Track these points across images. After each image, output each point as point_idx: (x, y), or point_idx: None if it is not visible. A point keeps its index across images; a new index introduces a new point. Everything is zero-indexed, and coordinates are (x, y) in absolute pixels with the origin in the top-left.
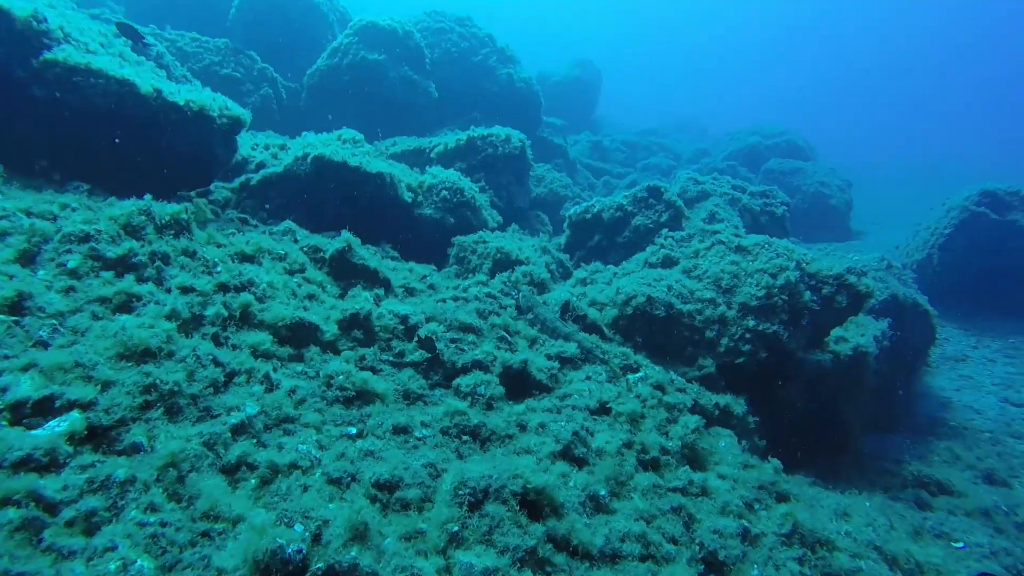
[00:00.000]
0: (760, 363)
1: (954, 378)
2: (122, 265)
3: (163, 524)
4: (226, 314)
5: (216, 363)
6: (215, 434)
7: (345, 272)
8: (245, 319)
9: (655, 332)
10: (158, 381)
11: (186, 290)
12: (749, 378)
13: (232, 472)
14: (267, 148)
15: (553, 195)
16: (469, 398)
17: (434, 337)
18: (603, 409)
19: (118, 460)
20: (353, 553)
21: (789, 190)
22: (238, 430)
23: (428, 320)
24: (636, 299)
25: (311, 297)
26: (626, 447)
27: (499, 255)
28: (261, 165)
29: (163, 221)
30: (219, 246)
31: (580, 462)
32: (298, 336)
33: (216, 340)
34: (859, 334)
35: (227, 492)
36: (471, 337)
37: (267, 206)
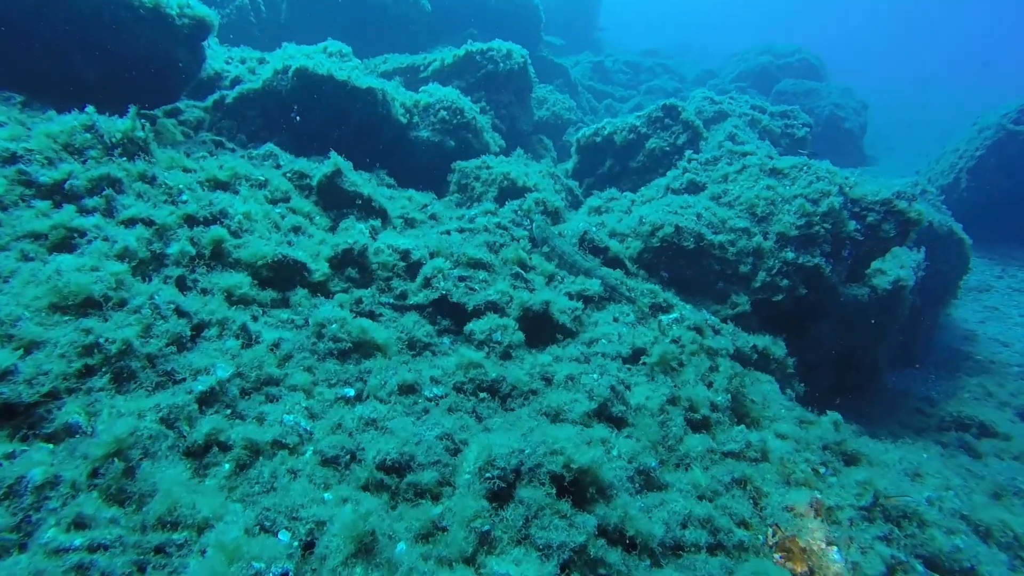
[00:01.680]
0: (797, 300)
1: (978, 309)
2: (60, 193)
3: (95, 547)
4: (193, 252)
5: (180, 313)
6: (177, 406)
7: (335, 201)
8: (217, 257)
9: (683, 266)
10: (102, 339)
11: (143, 223)
12: (782, 316)
13: (199, 456)
14: (243, 62)
15: (556, 118)
16: (484, 347)
17: (441, 275)
18: (637, 356)
19: (38, 452)
20: (358, 573)
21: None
22: (207, 399)
23: (432, 255)
24: (663, 229)
25: (297, 230)
26: (670, 403)
27: (505, 182)
28: (237, 81)
29: (113, 139)
30: (187, 171)
31: (619, 422)
32: (282, 277)
33: (181, 284)
34: (898, 266)
35: (191, 486)
36: (482, 274)
37: (247, 127)
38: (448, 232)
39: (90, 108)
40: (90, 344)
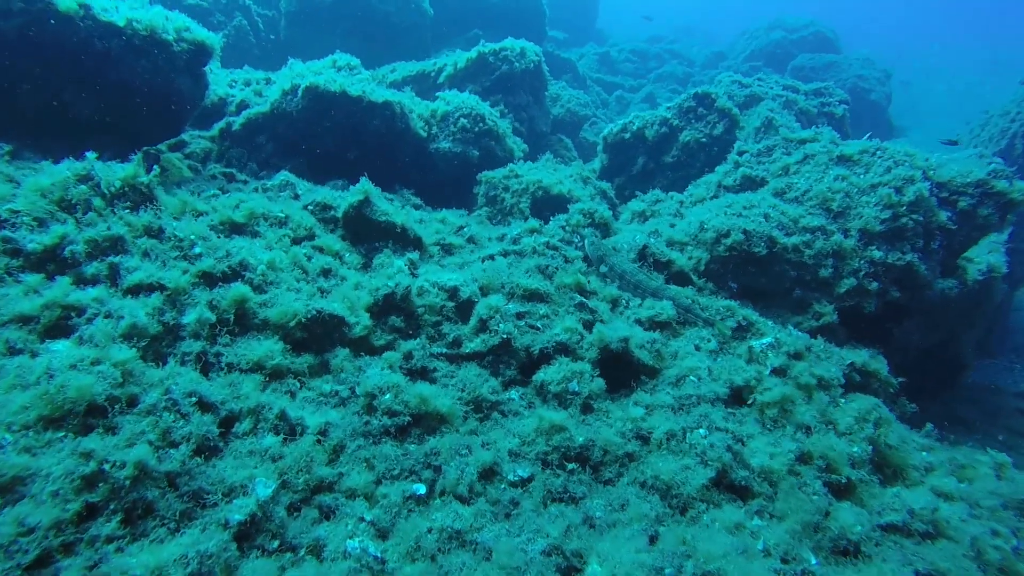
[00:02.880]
0: (889, 303)
1: None
2: (54, 260)
3: None
4: (213, 318)
5: (204, 406)
6: (210, 555)
7: (366, 233)
8: (241, 321)
9: (753, 274)
10: (107, 466)
11: (151, 289)
12: (865, 319)
13: None
14: (248, 84)
15: (572, 115)
16: (561, 401)
17: (498, 315)
18: (738, 396)
19: None
20: None
21: None
22: (248, 531)
23: (483, 290)
24: (730, 236)
25: (327, 273)
26: (800, 461)
27: (538, 191)
28: (243, 105)
29: (113, 189)
30: (198, 215)
31: (743, 492)
32: (317, 336)
33: (202, 362)
34: (985, 251)
35: None
36: (541, 308)
37: (258, 155)
38: (492, 257)
39: (90, 155)
40: (92, 474)
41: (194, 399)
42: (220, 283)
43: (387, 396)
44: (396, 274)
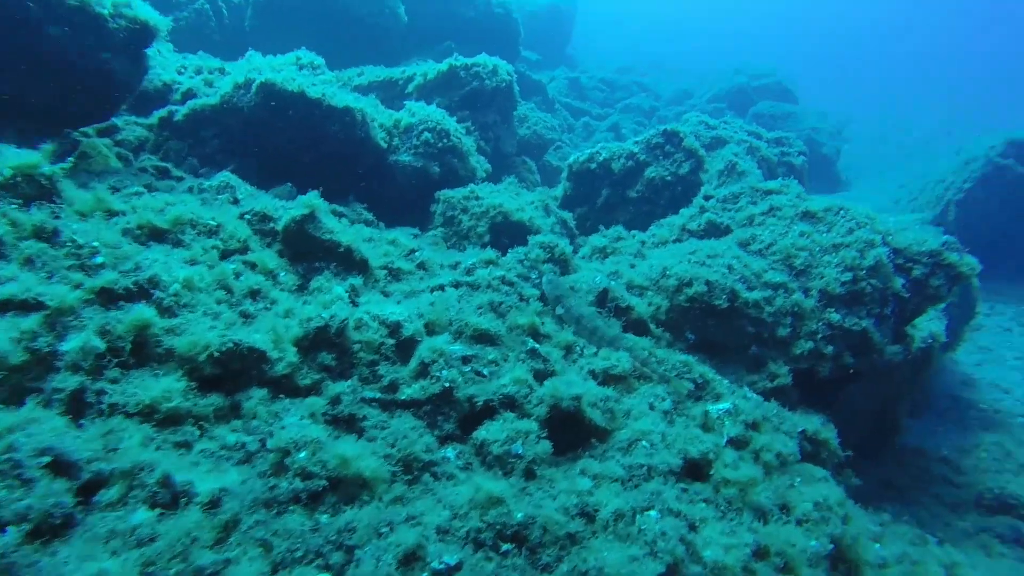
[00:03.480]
0: (841, 368)
1: (972, 350)
2: None
3: None
4: (103, 347)
5: (61, 466)
6: None
7: (306, 251)
8: (141, 351)
9: (712, 327)
10: None
11: (27, 307)
12: (816, 382)
13: None
14: (199, 72)
15: (538, 138)
16: (501, 466)
17: (442, 359)
18: (692, 470)
19: None
20: None
21: None
22: None
23: (429, 327)
24: (692, 286)
25: (255, 295)
26: (757, 557)
27: (498, 216)
28: (190, 94)
29: (2, 179)
30: (112, 214)
31: None
32: (233, 371)
33: (75, 404)
34: (927, 318)
35: None
36: (490, 352)
37: (201, 150)
38: (442, 288)
39: None
40: None
41: (47, 458)
42: (122, 302)
43: (303, 454)
44: (334, 303)
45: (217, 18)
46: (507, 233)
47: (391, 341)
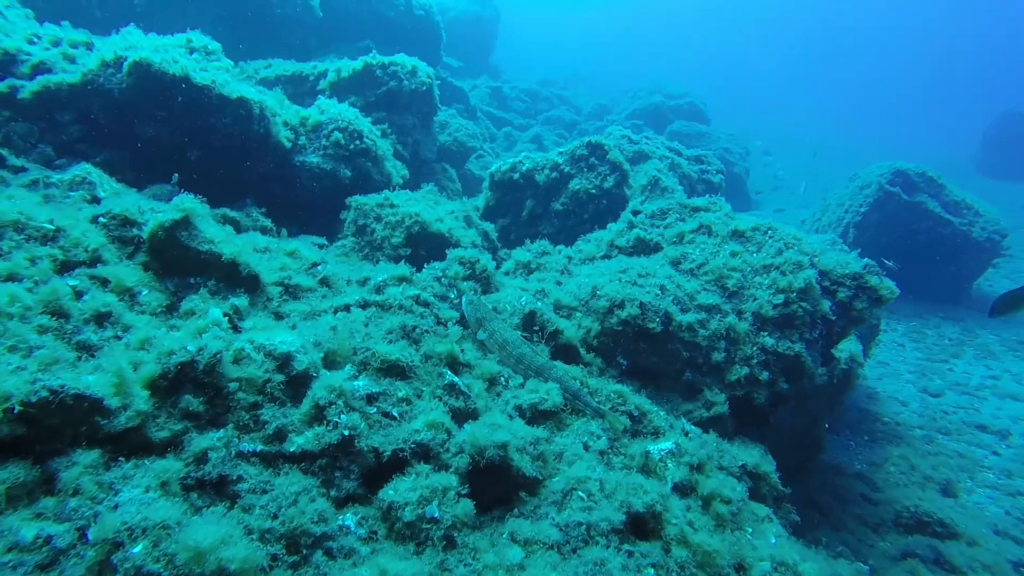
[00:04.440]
0: (777, 395)
1: (873, 364)
2: None
3: None
4: None
5: None
6: None
7: (179, 264)
8: None
9: (644, 351)
10: None
11: None
12: (752, 409)
13: None
14: (57, 44)
15: (459, 145)
16: (414, 535)
17: (342, 401)
18: (638, 525)
19: None
20: None
21: None
22: None
23: (328, 359)
24: (625, 308)
25: (101, 320)
26: None
27: (415, 225)
28: (42, 68)
29: None
30: None
31: None
32: (50, 428)
33: None
34: (846, 339)
35: None
36: (401, 388)
37: (57, 136)
38: (348, 308)
39: None
40: None
41: None
42: None
43: (139, 547)
44: (207, 329)
45: None
46: (425, 245)
47: (279, 377)
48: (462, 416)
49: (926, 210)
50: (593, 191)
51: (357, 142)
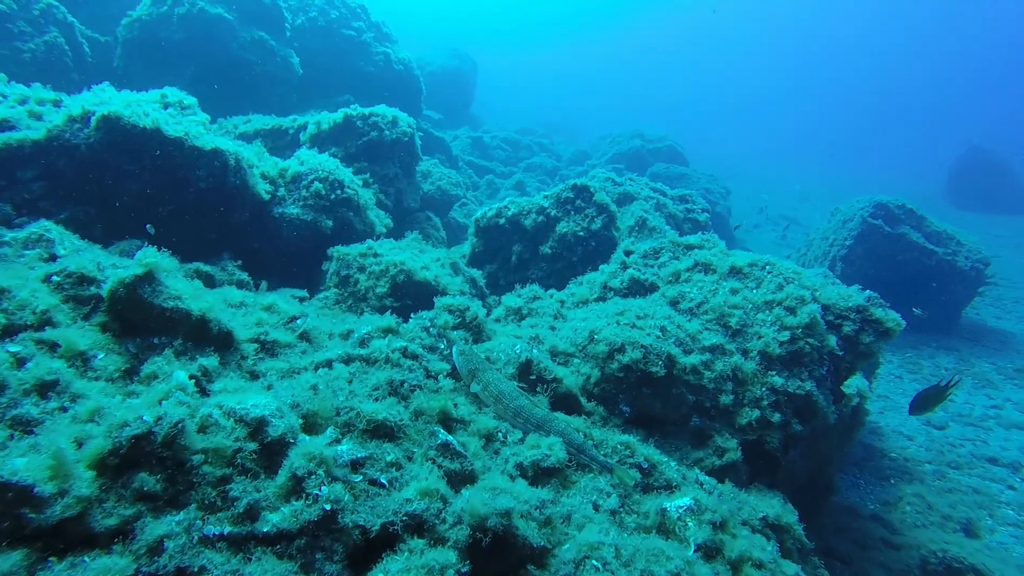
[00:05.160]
0: (790, 437)
1: (873, 398)
2: None
3: None
4: None
5: None
6: None
7: (142, 323)
8: None
9: (648, 397)
10: None
11: None
12: (764, 453)
13: None
14: (23, 102)
15: (442, 194)
16: None
17: (323, 470)
18: None
19: None
20: None
21: None
22: None
23: (307, 421)
24: (626, 352)
25: (45, 390)
26: None
27: (400, 274)
28: (5, 126)
29: None
30: None
31: None
32: None
33: None
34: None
35: None
36: (390, 452)
37: (19, 194)
38: (330, 364)
39: None
40: None
41: None
42: None
43: None
44: (171, 395)
45: (76, 54)
46: (411, 294)
47: (252, 446)
48: (458, 479)
49: (910, 241)
50: (581, 233)
51: (338, 192)
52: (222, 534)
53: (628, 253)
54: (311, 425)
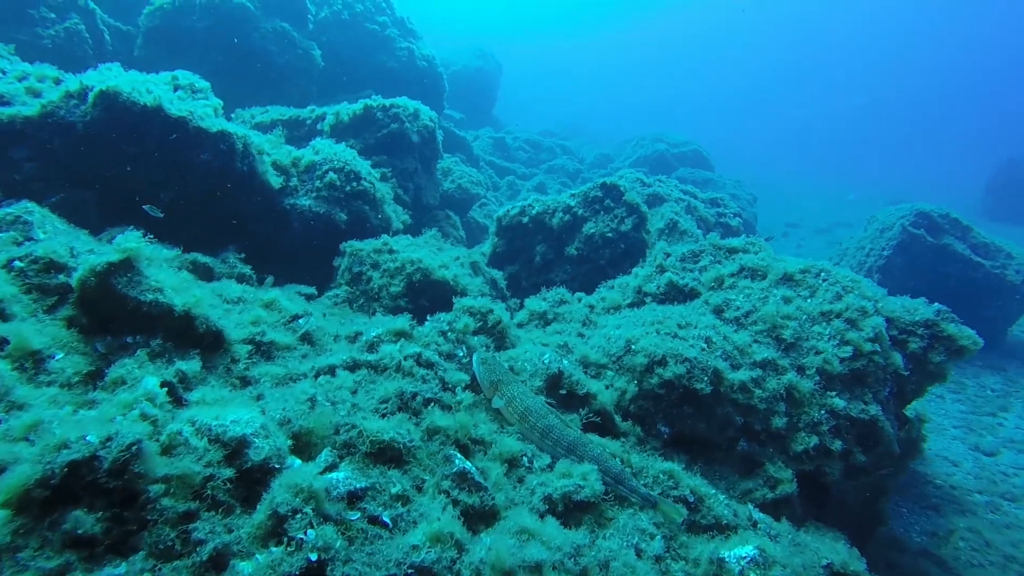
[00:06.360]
0: (852, 469)
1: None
2: None
3: None
4: None
5: None
6: None
7: (116, 319)
8: None
9: (690, 416)
10: None
11: None
12: (815, 483)
13: None
14: (23, 79)
15: (463, 192)
16: None
17: (310, 507)
18: None
19: None
20: None
21: None
22: None
23: (298, 441)
24: (668, 366)
25: None
26: None
27: (416, 272)
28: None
29: None
30: None
31: None
32: None
33: None
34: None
35: None
36: (396, 480)
37: (8, 175)
38: (332, 370)
39: None
40: None
41: None
42: None
43: None
44: (134, 406)
45: (96, 41)
46: (427, 294)
47: (227, 472)
48: (477, 517)
49: (954, 252)
50: (610, 235)
51: (354, 184)
52: None
53: (667, 256)
54: (304, 445)
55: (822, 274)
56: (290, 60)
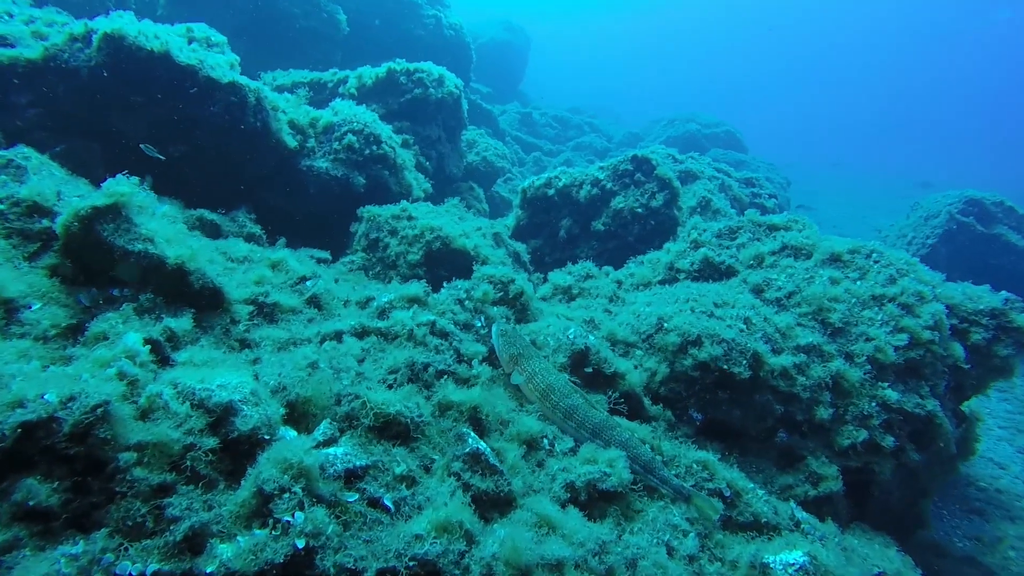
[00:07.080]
0: (904, 469)
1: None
2: None
3: None
4: None
5: None
6: None
7: (102, 268)
8: None
9: (725, 402)
10: None
11: None
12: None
13: None
14: (30, 22)
15: (487, 165)
16: None
17: (301, 486)
18: None
19: None
20: None
21: None
22: None
23: (293, 410)
24: (703, 347)
25: None
26: None
27: (436, 240)
28: (3, 43)
29: None
30: None
31: None
32: None
33: None
34: None
35: None
36: (400, 458)
37: (10, 121)
38: (339, 336)
39: None
40: None
41: None
42: None
43: None
44: (112, 363)
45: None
46: (447, 264)
47: (210, 442)
48: (490, 504)
49: (1007, 243)
50: (639, 210)
51: (373, 147)
52: (144, 575)
53: (703, 231)
54: (301, 415)
55: (873, 255)
56: (314, 24)
